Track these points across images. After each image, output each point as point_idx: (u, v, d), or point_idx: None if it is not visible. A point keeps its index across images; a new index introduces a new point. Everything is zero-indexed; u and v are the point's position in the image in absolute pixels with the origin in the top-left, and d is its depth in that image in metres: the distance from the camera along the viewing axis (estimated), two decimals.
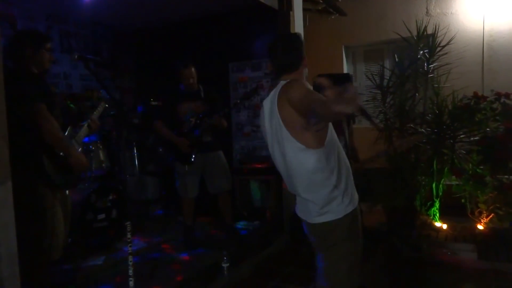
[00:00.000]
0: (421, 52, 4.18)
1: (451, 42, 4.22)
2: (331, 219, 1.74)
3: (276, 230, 4.09)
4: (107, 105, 2.63)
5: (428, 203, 4.07)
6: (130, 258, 2.10)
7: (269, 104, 1.82)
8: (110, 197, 3.63)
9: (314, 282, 1.90)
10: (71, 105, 3.85)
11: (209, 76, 3.96)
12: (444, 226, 4.01)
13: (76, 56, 2.37)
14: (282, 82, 1.77)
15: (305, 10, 4.46)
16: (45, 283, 2.35)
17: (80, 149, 2.55)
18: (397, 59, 4.33)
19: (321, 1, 4.90)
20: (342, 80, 3.95)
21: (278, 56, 1.83)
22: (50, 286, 2.44)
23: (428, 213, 4.09)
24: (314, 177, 1.73)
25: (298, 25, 4.21)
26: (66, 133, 2.49)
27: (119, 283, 2.78)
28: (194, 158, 3.54)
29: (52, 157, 2.31)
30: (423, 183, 4.03)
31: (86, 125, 2.64)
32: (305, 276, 3.03)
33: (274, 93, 1.78)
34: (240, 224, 4.31)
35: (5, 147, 1.72)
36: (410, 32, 4.25)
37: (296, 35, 1.90)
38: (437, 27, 4.19)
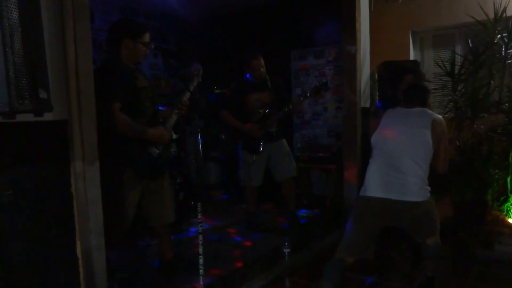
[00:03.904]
0: (499, 36, 3.89)
1: None
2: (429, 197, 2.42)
3: (337, 219, 4.08)
4: (200, 80, 2.59)
5: (502, 198, 3.81)
6: (200, 237, 2.21)
7: (416, 116, 2.47)
8: (178, 181, 3.83)
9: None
10: None
11: (271, 64, 3.96)
12: None
13: (152, 46, 2.51)
14: (428, 111, 2.49)
15: None
16: None
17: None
18: (470, 44, 4.07)
19: None
20: (409, 67, 3.81)
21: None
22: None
23: (500, 208, 3.84)
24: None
25: (363, 10, 4.10)
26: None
27: (188, 260, 2.94)
28: (262, 148, 3.62)
29: (139, 144, 2.37)
30: (496, 176, 3.78)
31: (175, 112, 2.58)
32: (366, 266, 3.00)
33: (423, 113, 2.47)
34: (301, 212, 4.34)
35: (93, 130, 1.89)
36: (486, 14, 3.96)
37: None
38: None
